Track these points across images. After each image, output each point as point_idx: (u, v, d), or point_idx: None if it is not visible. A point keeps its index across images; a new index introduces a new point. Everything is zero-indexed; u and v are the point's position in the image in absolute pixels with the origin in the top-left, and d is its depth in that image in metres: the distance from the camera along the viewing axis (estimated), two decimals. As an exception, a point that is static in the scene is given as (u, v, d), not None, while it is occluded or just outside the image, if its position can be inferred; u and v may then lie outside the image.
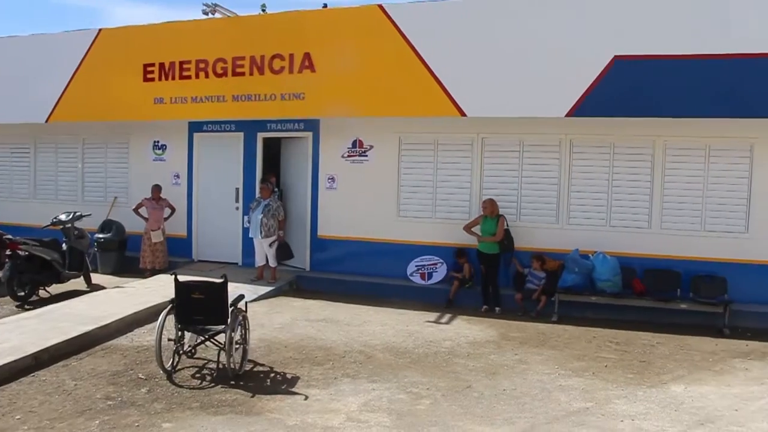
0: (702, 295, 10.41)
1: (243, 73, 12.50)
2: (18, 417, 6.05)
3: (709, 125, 10.58)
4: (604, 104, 10.43)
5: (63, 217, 11.83)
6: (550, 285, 10.81)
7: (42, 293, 11.03)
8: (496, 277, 11.06)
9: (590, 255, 10.87)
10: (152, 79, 13.23)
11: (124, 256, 13.62)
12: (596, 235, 11.29)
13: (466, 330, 9.72)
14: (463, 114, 11.10)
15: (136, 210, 13.10)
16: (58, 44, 14.24)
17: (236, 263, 13.52)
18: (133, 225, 13.47)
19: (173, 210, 13.45)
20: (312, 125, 12.93)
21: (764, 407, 6.77)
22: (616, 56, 10.28)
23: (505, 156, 11.87)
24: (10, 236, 11.12)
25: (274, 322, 9.70)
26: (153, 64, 13.21)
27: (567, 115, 10.60)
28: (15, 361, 7.25)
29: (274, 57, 12.22)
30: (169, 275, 7.42)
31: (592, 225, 11.44)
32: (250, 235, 12.25)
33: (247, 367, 7.47)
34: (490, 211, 11.06)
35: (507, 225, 11.14)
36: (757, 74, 9.81)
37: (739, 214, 10.85)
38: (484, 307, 11.02)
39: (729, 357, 8.62)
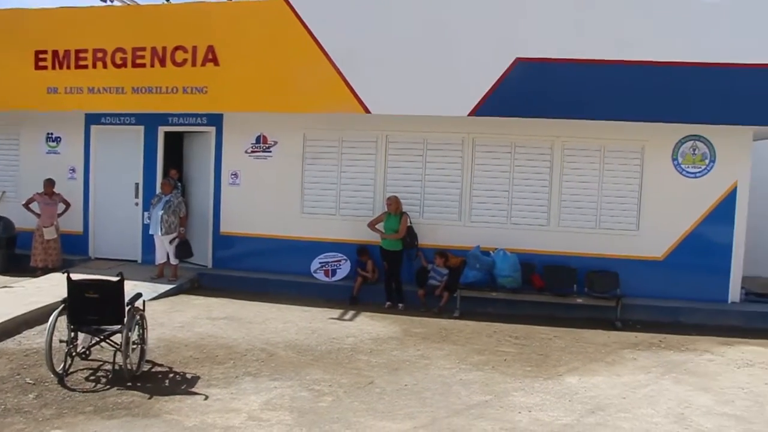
0: (596, 290, 10.83)
1: (144, 65, 12.09)
2: None
3: (605, 127, 11.00)
4: (505, 104, 10.70)
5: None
6: (452, 281, 10.98)
7: None
8: (399, 274, 11.16)
9: (491, 252, 11.10)
10: (45, 67, 12.60)
11: (13, 254, 12.92)
12: (497, 233, 11.56)
13: (369, 326, 9.76)
14: (367, 111, 11.13)
15: (26, 205, 12.43)
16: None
17: (136, 261, 13.09)
18: (23, 221, 12.79)
19: (68, 205, 12.86)
20: (215, 120, 12.65)
21: (649, 394, 7.14)
22: (518, 58, 10.56)
23: (409, 154, 11.99)
24: None
25: (175, 321, 9.45)
26: (46, 52, 12.56)
27: (470, 115, 10.81)
28: None
29: (176, 49, 11.88)
30: (62, 274, 7.10)
31: (493, 222, 11.71)
32: (150, 232, 11.86)
33: (145, 367, 7.25)
34: (394, 209, 11.14)
35: (410, 222, 11.26)
36: (648, 80, 10.33)
37: (630, 213, 11.37)
38: (388, 303, 11.09)
39: (620, 348, 9.00)
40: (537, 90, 10.69)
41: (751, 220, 11.32)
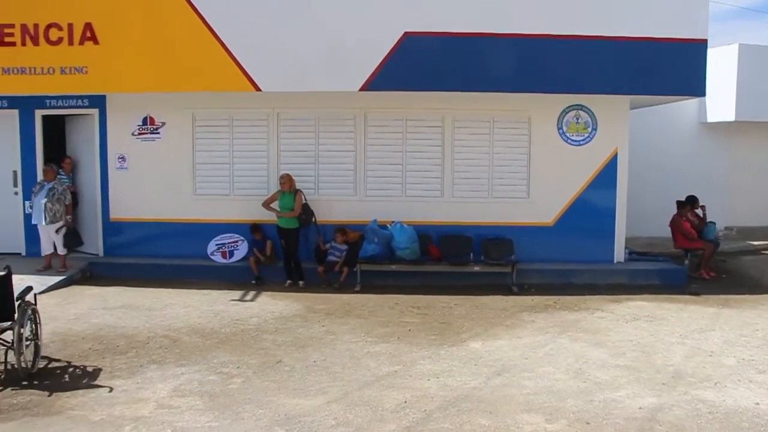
0: (492, 257, 11.17)
1: (13, 43, 11.25)
2: None
3: (492, 99, 11.32)
4: (395, 79, 10.81)
5: None
6: (351, 256, 11.03)
7: None
8: (296, 252, 11.10)
9: (388, 225, 11.22)
10: None
11: None
12: (393, 206, 11.68)
13: (272, 306, 9.69)
14: (257, 89, 10.95)
15: None
16: None
17: (19, 253, 12.34)
18: None
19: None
20: (98, 101, 12.05)
21: (549, 353, 7.50)
22: (406, 32, 10.66)
23: (302, 130, 11.92)
24: None
25: (68, 314, 9.05)
26: None
27: (361, 90, 10.84)
28: None
29: (50, 26, 11.15)
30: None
31: (388, 196, 11.83)
32: (33, 222, 11.24)
33: (41, 364, 6.87)
34: (288, 187, 11.04)
35: (305, 199, 11.19)
36: (531, 53, 10.76)
37: (521, 181, 11.79)
38: (288, 281, 11.04)
39: (518, 312, 9.37)
40: (426, 64, 10.87)
41: (631, 184, 11.93)
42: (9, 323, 6.49)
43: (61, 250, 11.23)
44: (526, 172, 11.75)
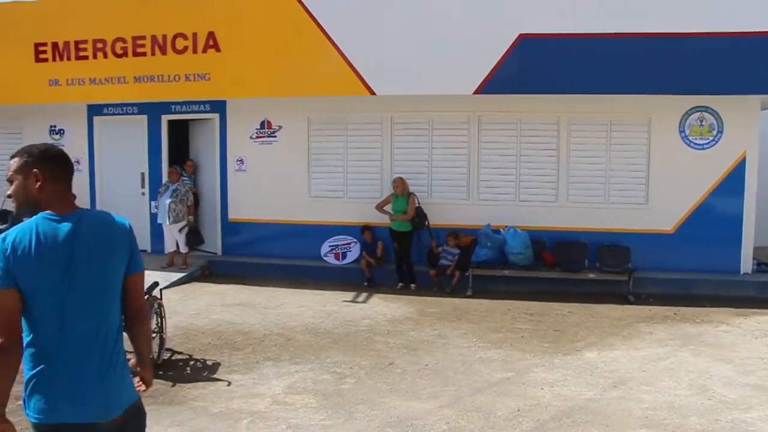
0: (608, 265, 10.81)
1: (144, 53, 11.99)
2: None
3: (611, 101, 10.96)
4: (510, 81, 10.65)
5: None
6: (463, 260, 10.97)
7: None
8: (409, 255, 11.13)
9: (501, 229, 11.08)
10: (45, 60, 12.51)
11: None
12: (506, 210, 11.51)
13: (384, 308, 9.77)
14: (372, 93, 11.07)
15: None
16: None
17: (145, 250, 12.98)
18: (30, 214, 12.78)
19: (74, 198, 12.83)
20: (219, 106, 12.59)
21: (669, 367, 7.15)
22: (521, 34, 10.49)
23: (416, 134, 11.94)
24: None
25: (189, 309, 9.46)
26: (45, 44, 12.47)
27: (475, 93, 10.75)
28: None
29: (176, 36, 11.78)
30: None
31: (502, 200, 11.66)
32: (158, 221, 11.86)
33: (165, 355, 7.25)
34: (401, 190, 11.10)
35: (418, 202, 11.22)
36: (652, 52, 10.26)
37: (639, 186, 11.33)
38: (400, 284, 11.09)
39: (635, 322, 9.02)
40: (541, 66, 10.65)
41: (761, 190, 11.28)
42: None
43: (183, 249, 11.73)
44: (645, 177, 11.29)
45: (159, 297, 7.26)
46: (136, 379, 3.07)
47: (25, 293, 2.68)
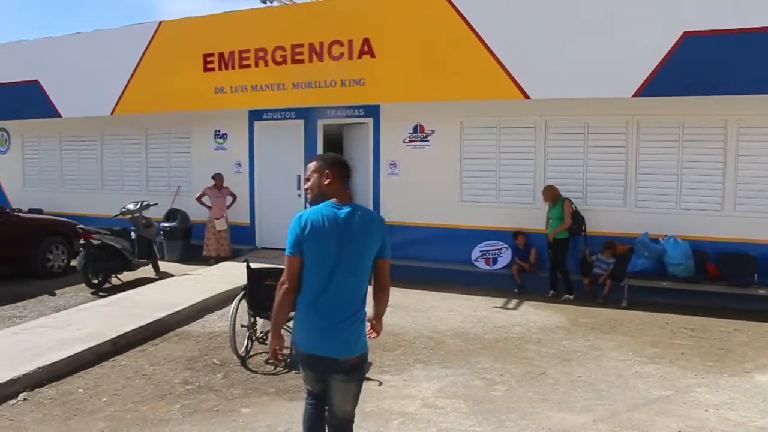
0: (780, 280, 10.04)
1: (302, 61, 12.48)
2: (104, 399, 6.20)
3: (787, 102, 10.16)
4: (673, 82, 10.08)
5: (131, 206, 12.08)
6: (618, 269, 10.55)
7: (114, 281, 11.29)
8: (564, 263, 10.79)
9: (660, 239, 10.57)
10: (212, 69, 13.33)
11: (189, 244, 13.84)
12: (665, 218, 10.96)
13: (534, 315, 9.59)
14: (526, 96, 10.89)
15: (199, 199, 13.24)
16: (119, 39, 14.44)
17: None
18: (196, 213, 13.65)
19: (235, 198, 13.59)
20: (372, 111, 12.87)
21: None
22: (685, 32, 9.92)
23: (570, 139, 11.61)
24: (82, 226, 11.35)
25: (341, 309, 9.68)
26: (213, 54, 13.29)
27: (634, 95, 10.29)
28: (97, 345, 7.44)
29: (333, 43, 12.18)
30: (237, 262, 7.40)
31: (660, 208, 11.10)
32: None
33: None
34: (551, 198, 10.83)
35: (574, 207, 10.88)
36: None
37: (818, 195, 10.43)
38: (551, 292, 10.83)
39: (813, 344, 8.30)
40: (708, 65, 9.95)
41: None
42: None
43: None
44: (826, 185, 10.40)
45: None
46: (368, 327, 4.14)
47: (306, 257, 3.82)
